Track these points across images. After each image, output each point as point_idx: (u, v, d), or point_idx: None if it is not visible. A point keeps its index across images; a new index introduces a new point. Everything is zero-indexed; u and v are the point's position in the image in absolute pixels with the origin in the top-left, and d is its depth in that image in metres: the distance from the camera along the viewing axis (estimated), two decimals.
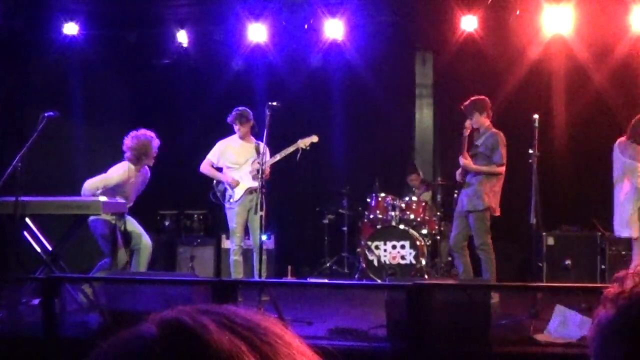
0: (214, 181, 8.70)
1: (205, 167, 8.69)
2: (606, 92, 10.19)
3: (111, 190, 7.89)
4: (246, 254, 8.64)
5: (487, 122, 8.20)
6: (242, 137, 8.56)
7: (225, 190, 8.56)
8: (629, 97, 10.20)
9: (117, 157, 8.40)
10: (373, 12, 10.11)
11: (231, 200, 8.45)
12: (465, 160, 8.11)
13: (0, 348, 5.88)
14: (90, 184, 7.90)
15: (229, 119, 8.52)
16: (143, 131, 8.18)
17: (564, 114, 10.52)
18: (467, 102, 8.21)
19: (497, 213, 8.06)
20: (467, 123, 8.18)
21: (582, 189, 10.29)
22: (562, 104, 10.54)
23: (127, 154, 8.09)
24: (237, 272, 8.41)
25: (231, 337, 0.83)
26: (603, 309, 1.08)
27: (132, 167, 8.09)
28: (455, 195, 8.54)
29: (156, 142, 8.18)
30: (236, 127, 8.53)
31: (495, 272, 7.97)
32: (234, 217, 8.42)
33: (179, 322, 0.84)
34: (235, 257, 8.44)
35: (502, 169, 7.99)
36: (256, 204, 7.83)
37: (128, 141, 8.09)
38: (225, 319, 0.85)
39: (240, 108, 8.46)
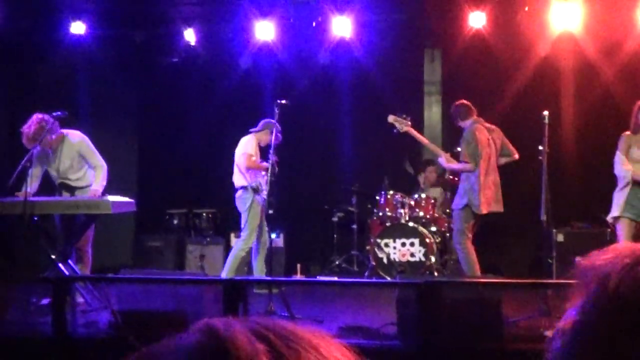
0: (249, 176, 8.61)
1: (251, 162, 8.54)
2: (615, 88, 10.15)
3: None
4: None
5: (469, 122, 8.19)
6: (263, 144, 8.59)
7: (259, 185, 8.53)
8: (637, 93, 10.16)
9: (126, 156, 8.39)
10: (381, 10, 10.09)
11: (264, 196, 8.36)
12: (440, 158, 8.30)
13: (10, 348, 5.88)
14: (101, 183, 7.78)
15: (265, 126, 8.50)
16: None
17: (572, 111, 10.48)
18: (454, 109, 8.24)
19: (483, 212, 7.92)
20: (390, 118, 8.25)
21: (592, 185, 10.24)
22: (571, 101, 10.51)
23: None
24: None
25: (254, 339, 0.83)
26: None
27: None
28: None
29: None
30: (265, 134, 8.52)
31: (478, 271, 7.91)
32: (260, 214, 8.43)
33: (210, 325, 0.85)
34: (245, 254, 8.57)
35: (472, 165, 7.89)
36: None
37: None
38: (260, 326, 0.85)
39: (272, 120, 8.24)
